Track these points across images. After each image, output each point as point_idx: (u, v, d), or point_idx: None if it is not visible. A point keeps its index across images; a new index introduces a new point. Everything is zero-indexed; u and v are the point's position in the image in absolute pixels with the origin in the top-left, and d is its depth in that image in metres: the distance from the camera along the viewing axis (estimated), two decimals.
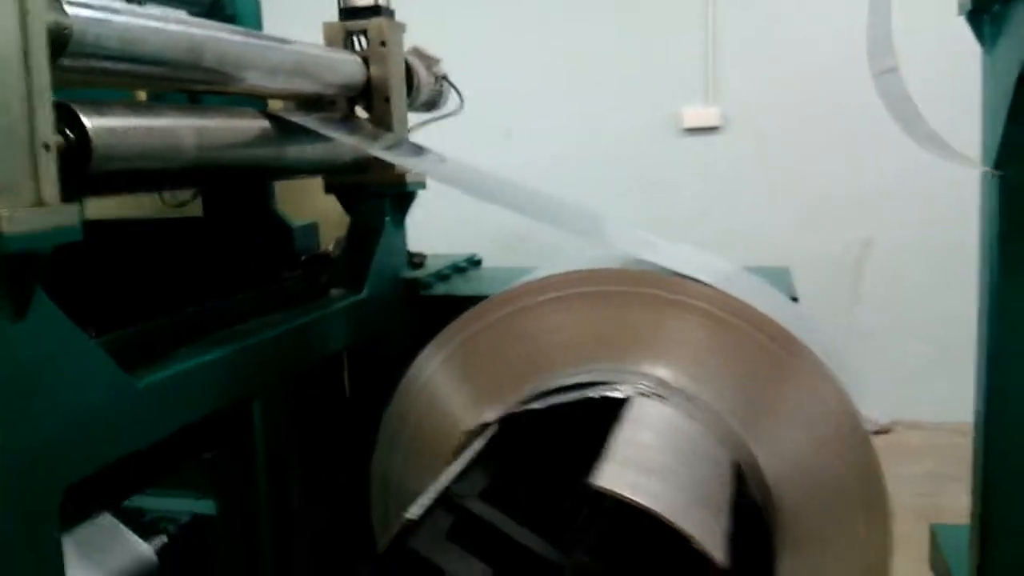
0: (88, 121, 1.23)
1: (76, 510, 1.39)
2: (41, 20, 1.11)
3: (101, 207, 2.41)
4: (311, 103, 2.06)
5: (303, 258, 2.24)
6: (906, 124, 2.02)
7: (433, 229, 2.75)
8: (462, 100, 2.44)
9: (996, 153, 1.90)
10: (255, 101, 1.99)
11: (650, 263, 1.78)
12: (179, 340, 1.54)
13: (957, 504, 2.87)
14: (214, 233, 2.19)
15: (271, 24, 2.34)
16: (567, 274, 1.78)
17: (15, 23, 1.08)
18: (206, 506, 2.14)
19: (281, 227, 2.21)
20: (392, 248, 2.21)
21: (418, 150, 2.09)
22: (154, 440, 1.35)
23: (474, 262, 2.70)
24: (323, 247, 2.35)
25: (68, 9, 1.19)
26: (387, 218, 2.19)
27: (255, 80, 1.65)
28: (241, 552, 1.70)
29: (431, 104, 2.44)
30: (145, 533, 2.30)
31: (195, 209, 2.30)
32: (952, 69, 2.89)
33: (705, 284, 1.67)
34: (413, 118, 2.36)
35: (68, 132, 1.22)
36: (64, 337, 1.19)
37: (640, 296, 1.71)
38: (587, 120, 4.79)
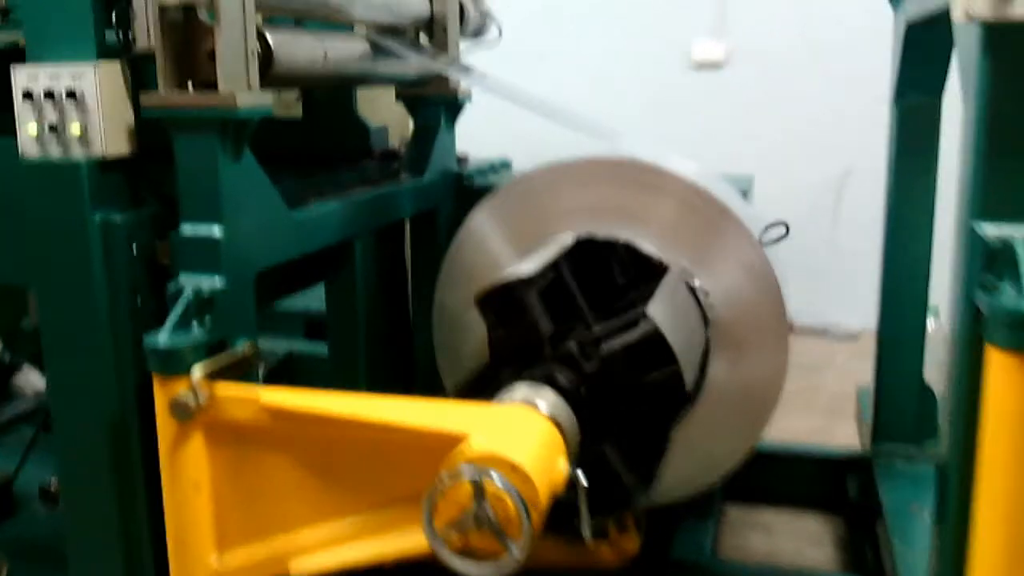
0: (270, 36, 1.91)
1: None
2: None
3: None
4: (387, 31, 2.73)
5: (378, 152, 2.93)
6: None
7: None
8: (500, 31, 3.10)
9: (895, 88, 2.55)
10: (345, 27, 2.67)
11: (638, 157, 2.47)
12: (309, 195, 2.24)
13: None
14: (313, 129, 2.88)
15: None
16: (578, 159, 2.46)
17: None
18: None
19: (362, 128, 2.90)
20: (445, 146, 2.88)
21: (467, 69, 2.76)
22: (303, 252, 2.06)
23: (505, 164, 3.38)
24: (391, 145, 3.05)
25: None
26: (442, 123, 2.86)
27: (361, 13, 2.32)
28: (343, 346, 2.42)
29: (477, 33, 3.09)
30: None
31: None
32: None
33: (677, 175, 2.34)
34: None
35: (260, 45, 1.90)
36: (257, 179, 1.90)
37: (629, 181, 2.39)
38: (609, 51, 5.42)
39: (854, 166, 5.24)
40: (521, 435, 1.51)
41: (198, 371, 1.69)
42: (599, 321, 2.03)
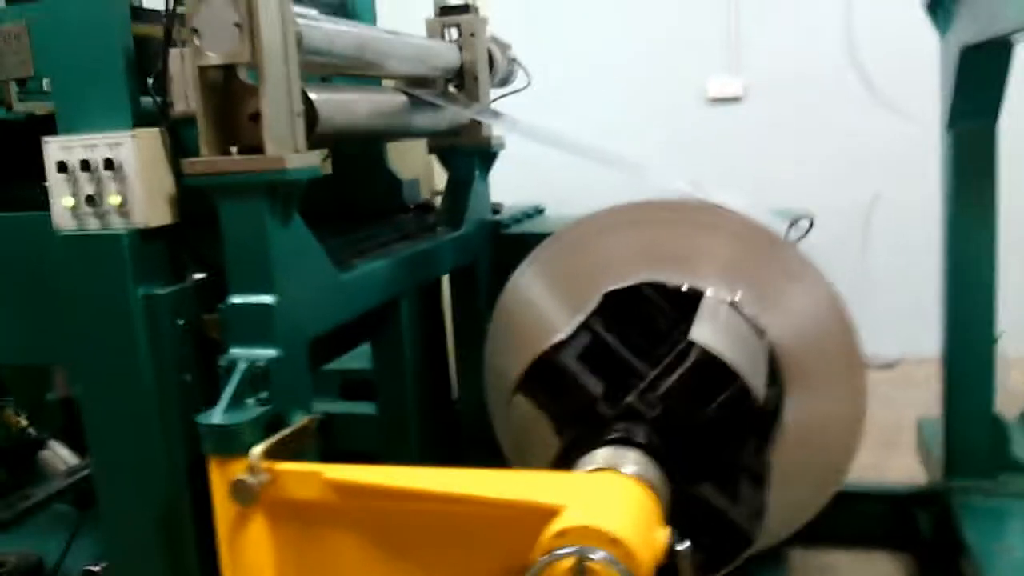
0: (313, 95, 1.83)
1: None
2: (291, 28, 1.71)
3: None
4: (416, 83, 2.66)
5: (412, 205, 2.85)
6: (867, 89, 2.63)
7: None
8: (529, 78, 3.02)
9: (949, 114, 2.46)
10: (372, 81, 2.59)
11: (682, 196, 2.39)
12: (353, 254, 2.15)
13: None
14: (344, 184, 2.79)
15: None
16: (625, 205, 2.38)
17: (280, 31, 1.68)
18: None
19: (394, 181, 2.81)
20: (480, 196, 2.80)
21: (499, 115, 2.69)
22: (352, 315, 1.97)
23: (539, 210, 3.30)
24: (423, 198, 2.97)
25: (299, 21, 1.78)
26: (476, 172, 2.78)
27: (394, 67, 2.25)
28: (392, 408, 2.31)
29: (504, 81, 3.02)
30: None
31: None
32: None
33: (725, 210, 2.26)
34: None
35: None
36: (307, 243, 1.81)
37: (677, 221, 2.30)
38: (621, 91, 5.35)
39: (881, 192, 5.15)
40: (616, 504, 1.40)
41: (258, 450, 1.58)
42: (651, 367, 1.93)
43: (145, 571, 1.80)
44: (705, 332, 1.81)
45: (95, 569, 2.41)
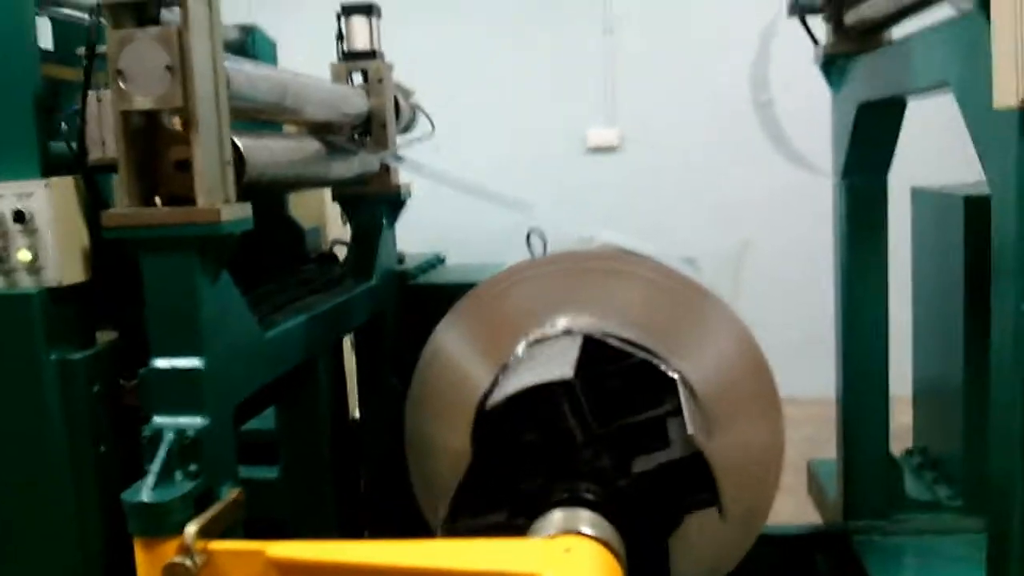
0: (239, 141, 1.72)
1: None
2: (222, 71, 1.61)
3: None
4: (323, 130, 2.57)
5: (313, 255, 2.73)
6: (777, 144, 2.72)
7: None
8: (433, 126, 2.97)
9: (842, 167, 2.59)
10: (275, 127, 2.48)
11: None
12: (269, 309, 2.03)
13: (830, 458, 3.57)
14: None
15: None
16: (534, 260, 2.38)
17: (211, 74, 1.57)
18: None
19: (297, 230, 2.70)
20: (387, 246, 2.72)
21: (402, 160, 2.63)
22: (275, 376, 1.85)
23: (440, 259, 3.25)
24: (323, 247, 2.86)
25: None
26: (384, 221, 2.70)
27: (311, 113, 2.16)
28: (303, 470, 2.18)
29: (406, 128, 2.97)
30: None
31: None
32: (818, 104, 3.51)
33: (636, 255, 2.28)
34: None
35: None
36: (234, 301, 1.69)
37: (588, 271, 2.31)
38: (506, 141, 5.40)
39: (751, 239, 5.37)
40: (587, 571, 1.35)
41: (193, 529, 1.45)
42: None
43: None
44: (498, 394, 1.82)
45: None
